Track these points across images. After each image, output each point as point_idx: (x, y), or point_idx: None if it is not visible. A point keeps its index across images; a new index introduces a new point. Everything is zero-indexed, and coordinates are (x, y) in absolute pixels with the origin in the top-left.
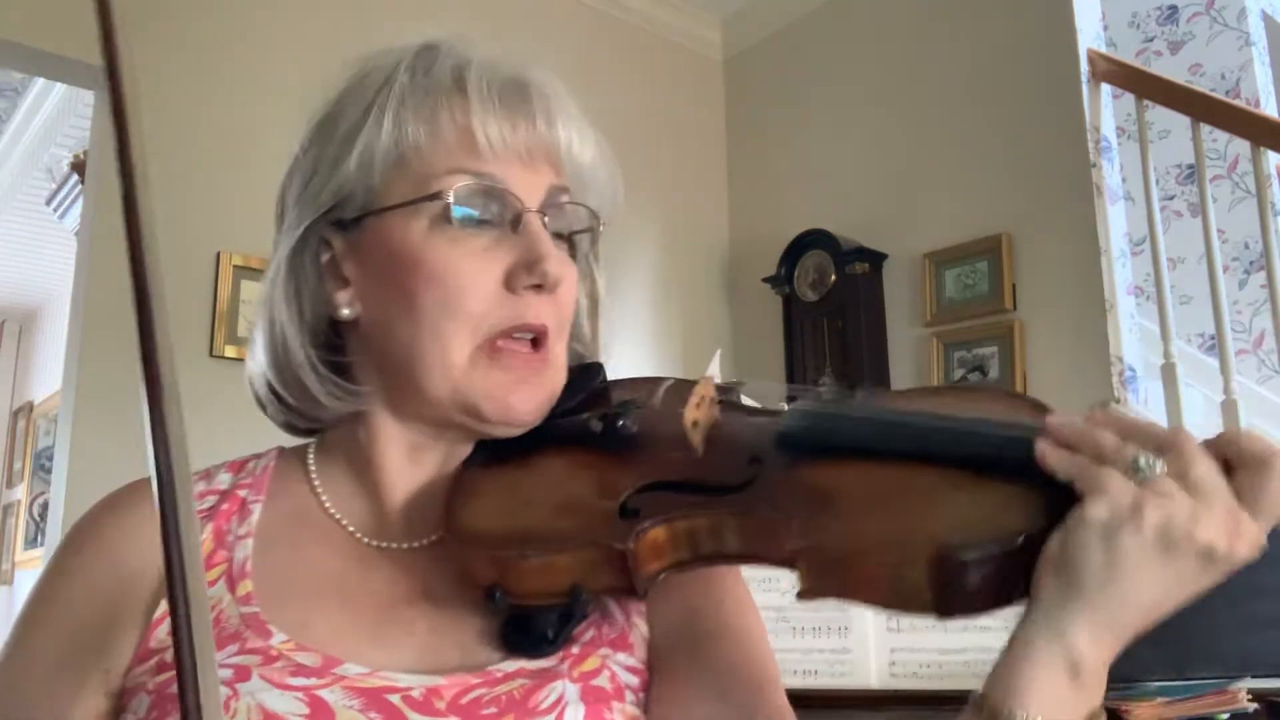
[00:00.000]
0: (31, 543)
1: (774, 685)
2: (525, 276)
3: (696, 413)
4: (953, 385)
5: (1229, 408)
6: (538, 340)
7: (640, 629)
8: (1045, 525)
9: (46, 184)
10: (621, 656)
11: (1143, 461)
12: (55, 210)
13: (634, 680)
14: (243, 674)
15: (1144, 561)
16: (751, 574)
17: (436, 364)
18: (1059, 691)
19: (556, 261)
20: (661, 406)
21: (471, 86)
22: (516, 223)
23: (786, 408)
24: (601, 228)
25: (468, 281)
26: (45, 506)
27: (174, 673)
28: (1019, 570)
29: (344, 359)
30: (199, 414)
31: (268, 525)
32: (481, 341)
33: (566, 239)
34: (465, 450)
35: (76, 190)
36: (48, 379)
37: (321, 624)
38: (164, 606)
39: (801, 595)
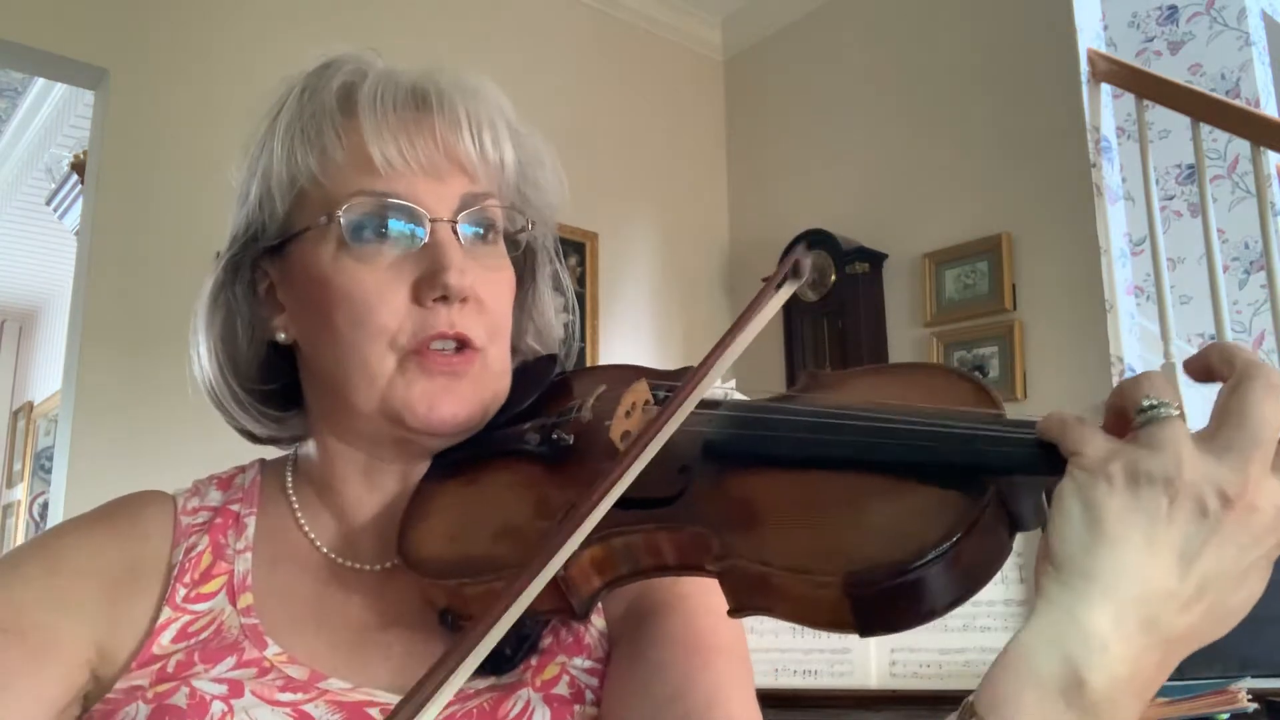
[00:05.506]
0: None
1: (721, 654)
2: (428, 290)
3: (626, 423)
4: (899, 365)
5: None
6: (463, 347)
7: (595, 626)
8: (965, 531)
9: (46, 184)
10: (579, 660)
11: (1145, 401)
12: (55, 210)
13: (594, 681)
14: (236, 690)
15: (1127, 520)
16: None
17: (361, 379)
18: (1050, 713)
19: (459, 273)
20: (607, 408)
21: (362, 105)
22: (426, 236)
23: (724, 399)
24: (537, 223)
25: (375, 298)
26: (45, 506)
27: (173, 684)
28: (941, 582)
29: (286, 381)
30: (198, 415)
31: (261, 540)
32: (403, 353)
33: (511, 240)
34: (422, 469)
35: (76, 190)
36: (48, 379)
37: (302, 645)
38: (167, 613)
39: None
